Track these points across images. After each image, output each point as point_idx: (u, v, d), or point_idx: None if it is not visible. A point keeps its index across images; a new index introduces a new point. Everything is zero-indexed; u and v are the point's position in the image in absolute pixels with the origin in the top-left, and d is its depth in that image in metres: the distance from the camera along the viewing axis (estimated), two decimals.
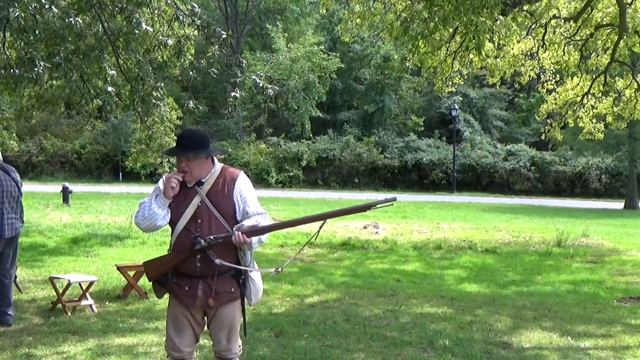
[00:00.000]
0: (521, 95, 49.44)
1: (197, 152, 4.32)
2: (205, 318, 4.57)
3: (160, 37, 7.68)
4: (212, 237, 4.26)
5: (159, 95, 13.85)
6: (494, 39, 11.86)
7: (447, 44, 12.62)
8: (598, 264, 13.81)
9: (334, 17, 49.67)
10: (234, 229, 4.28)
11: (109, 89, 8.17)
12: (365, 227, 18.40)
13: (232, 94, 9.09)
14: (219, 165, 4.51)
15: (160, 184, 4.41)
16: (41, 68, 6.32)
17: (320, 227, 4.63)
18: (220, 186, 4.41)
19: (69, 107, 32.69)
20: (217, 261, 4.26)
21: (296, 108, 42.30)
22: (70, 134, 41.06)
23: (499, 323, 8.12)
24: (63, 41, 8.86)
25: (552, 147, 41.90)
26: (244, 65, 8.51)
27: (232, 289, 4.44)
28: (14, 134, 23.78)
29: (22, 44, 6.92)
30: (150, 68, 11.25)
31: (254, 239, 4.31)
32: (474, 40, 9.46)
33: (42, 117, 36.88)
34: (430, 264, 13.69)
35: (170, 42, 7.46)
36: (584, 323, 8.27)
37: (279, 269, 4.64)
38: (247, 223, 4.33)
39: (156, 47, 7.66)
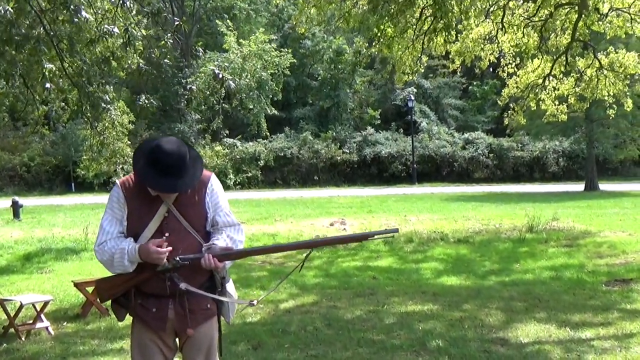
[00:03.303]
0: (475, 83, 49.52)
1: (194, 178, 3.61)
2: (177, 340, 3.88)
3: (105, 27, 6.98)
4: (177, 258, 3.56)
5: (108, 98, 13.09)
6: (462, 18, 11.40)
7: (414, 27, 12.11)
8: (574, 248, 13.47)
9: (283, 13, 49.14)
10: (203, 249, 3.60)
11: (47, 84, 7.42)
12: (332, 224, 17.86)
13: (189, 86, 8.38)
14: None
15: (115, 194, 3.69)
16: None
17: (306, 257, 4.00)
18: (189, 192, 3.68)
19: (15, 118, 31.60)
20: (182, 285, 3.57)
21: (251, 107, 41.59)
22: (17, 146, 39.63)
23: (491, 317, 7.62)
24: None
25: (509, 133, 41.96)
26: (200, 53, 7.82)
27: (208, 305, 3.75)
28: None
29: None
30: (97, 69, 10.54)
31: (227, 264, 3.68)
32: (442, 21, 8.93)
33: None
34: (403, 258, 13.19)
35: (116, 30, 6.74)
36: (579, 311, 7.82)
37: (254, 301, 3.94)
38: (219, 243, 3.62)
39: (100, 37, 6.94)
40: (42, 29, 9.56)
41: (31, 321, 7.77)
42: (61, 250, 14.49)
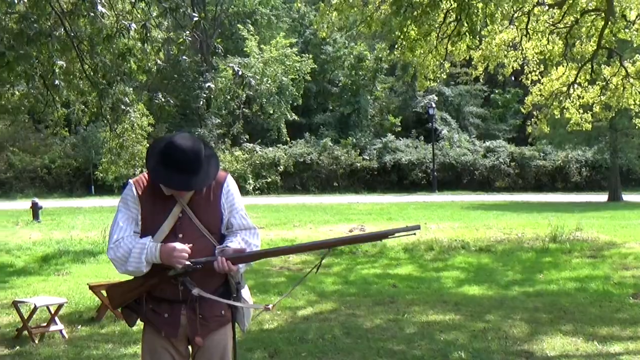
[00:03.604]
0: (497, 91, 49.14)
1: (209, 175, 3.47)
2: (190, 348, 3.70)
3: (123, 22, 6.85)
4: (189, 262, 3.38)
5: (127, 100, 13.02)
6: (487, 22, 11.18)
7: (438, 30, 11.90)
8: (598, 259, 13.18)
9: (304, 19, 49.08)
10: (216, 251, 3.44)
11: (56, 82, 7.31)
12: (351, 231, 17.64)
13: (207, 84, 8.24)
14: None
15: (129, 193, 3.54)
16: None
17: (323, 257, 3.74)
18: (204, 193, 3.52)
19: (36, 120, 31.79)
20: (195, 291, 3.40)
21: (271, 112, 41.51)
22: (38, 148, 39.81)
23: (515, 329, 7.39)
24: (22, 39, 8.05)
25: (531, 141, 41.53)
26: (219, 51, 7.66)
27: (222, 312, 3.57)
28: None
29: None
30: (116, 69, 10.44)
31: (241, 265, 3.50)
32: (466, 24, 8.74)
33: (9, 132, 35.81)
34: (424, 266, 12.97)
35: (133, 26, 6.61)
36: (606, 325, 7.57)
37: (269, 306, 3.75)
38: (232, 245, 3.45)
39: (118, 33, 6.81)
40: (62, 29, 9.50)
41: (45, 324, 7.65)
42: (79, 253, 14.41)
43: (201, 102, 23.35)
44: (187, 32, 6.55)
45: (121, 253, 3.43)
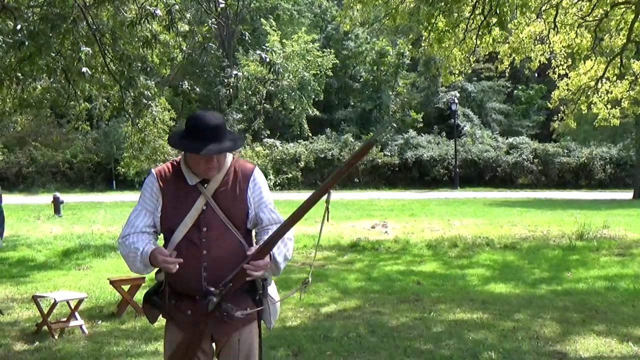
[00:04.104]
0: (520, 87, 48.62)
1: (237, 142, 3.39)
2: (214, 345, 3.54)
3: (147, 8, 6.71)
4: (221, 285, 3.19)
5: (149, 94, 12.92)
6: (518, 13, 10.92)
7: (467, 20, 11.64)
8: (627, 257, 12.88)
9: (326, 14, 48.88)
10: (245, 260, 3.20)
11: (83, 69, 7.19)
12: (373, 227, 17.47)
13: (234, 72, 8.10)
14: (229, 157, 3.44)
15: (149, 184, 3.41)
16: (0, 44, 5.34)
17: (328, 201, 3.16)
18: (230, 184, 3.37)
19: (58, 114, 31.92)
20: (239, 314, 3.24)
21: (292, 107, 41.36)
22: (60, 143, 39.98)
23: (545, 329, 7.15)
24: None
25: (554, 138, 41.00)
26: (246, 37, 7.51)
27: (247, 309, 3.38)
28: None
29: None
30: (141, 61, 10.33)
31: (278, 257, 3.32)
32: (496, 15, 8.50)
33: (31, 126, 35.99)
34: (448, 263, 12.73)
35: (158, 12, 6.47)
36: None
37: (305, 282, 3.55)
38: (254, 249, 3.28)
39: (143, 19, 6.68)
40: (85, 23, 9.40)
41: (65, 319, 7.53)
42: (100, 247, 14.35)
43: (225, 94, 23.23)
44: (213, 19, 6.41)
45: (125, 253, 3.37)
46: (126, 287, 8.30)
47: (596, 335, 6.84)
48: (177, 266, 3.20)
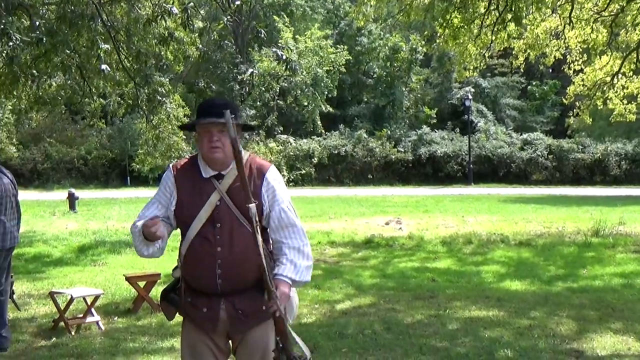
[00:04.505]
0: (534, 83, 48.36)
1: (237, 119, 3.35)
2: (230, 342, 3.56)
3: (164, 5, 6.73)
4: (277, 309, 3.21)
5: (163, 91, 12.94)
6: (533, 8, 10.85)
7: (482, 17, 11.58)
8: None
9: (339, 10, 48.80)
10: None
11: (103, 66, 7.21)
12: (387, 223, 17.45)
13: (250, 70, 8.09)
14: (245, 154, 3.46)
15: (166, 178, 3.48)
16: (18, 42, 5.35)
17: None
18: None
19: (72, 111, 32.05)
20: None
21: (305, 104, 41.34)
22: (75, 139, 40.17)
23: (562, 326, 7.12)
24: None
25: (569, 134, 40.75)
26: (262, 35, 7.51)
27: (263, 307, 3.38)
28: (14, 140, 23.02)
29: None
30: (155, 59, 10.36)
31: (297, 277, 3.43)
32: (511, 11, 8.45)
33: (46, 123, 36.17)
34: (463, 260, 12.69)
35: (175, 10, 6.48)
36: None
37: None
38: (284, 272, 3.37)
39: (159, 17, 6.69)
40: (99, 20, 9.43)
41: (82, 315, 7.57)
42: (115, 243, 14.40)
43: (238, 91, 23.31)
44: (228, 17, 6.41)
45: (133, 239, 3.45)
46: (142, 284, 8.34)
47: (613, 333, 6.80)
48: (158, 230, 3.23)
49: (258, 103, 41.16)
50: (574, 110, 19.62)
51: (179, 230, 3.50)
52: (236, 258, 3.31)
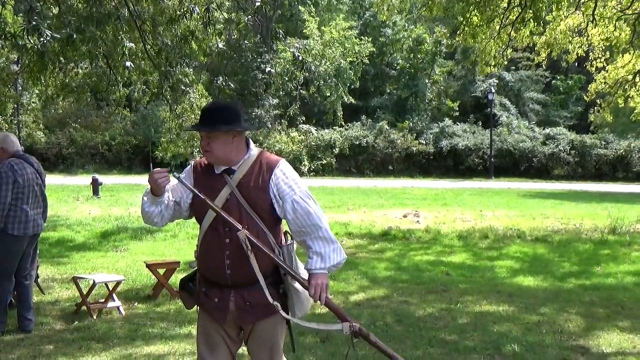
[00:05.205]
0: (559, 77, 48.05)
1: (215, 125, 3.50)
2: (242, 333, 3.77)
3: (187, 5, 6.92)
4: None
5: (187, 81, 13.15)
6: (552, 8, 10.90)
7: (501, 16, 11.66)
8: None
9: (364, 1, 48.75)
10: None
11: (127, 63, 7.43)
12: (405, 216, 17.57)
13: (267, 69, 8.27)
14: (255, 151, 3.65)
15: (186, 171, 3.74)
16: (48, 38, 5.58)
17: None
18: (253, 176, 3.56)
19: (97, 97, 32.47)
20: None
21: (328, 94, 41.46)
22: (99, 125, 40.67)
23: (570, 323, 7.26)
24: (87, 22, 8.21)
25: (592, 130, 40.52)
26: (280, 35, 7.68)
27: (271, 301, 3.56)
28: (41, 125, 23.36)
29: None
30: (177, 50, 10.56)
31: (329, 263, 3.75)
32: (530, 10, 8.54)
33: (71, 108, 36.63)
34: (478, 254, 12.82)
35: (197, 10, 6.68)
36: None
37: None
38: (311, 264, 3.65)
39: (181, 16, 6.89)
40: (126, 10, 9.65)
41: (103, 300, 7.84)
42: (136, 230, 14.64)
43: (260, 88, 23.54)
44: (249, 16, 6.59)
45: (141, 207, 3.75)
46: (162, 271, 8.58)
47: (620, 330, 6.93)
48: (166, 178, 3.55)
49: (281, 92, 41.34)
50: (595, 107, 19.57)
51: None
52: (244, 250, 3.47)
